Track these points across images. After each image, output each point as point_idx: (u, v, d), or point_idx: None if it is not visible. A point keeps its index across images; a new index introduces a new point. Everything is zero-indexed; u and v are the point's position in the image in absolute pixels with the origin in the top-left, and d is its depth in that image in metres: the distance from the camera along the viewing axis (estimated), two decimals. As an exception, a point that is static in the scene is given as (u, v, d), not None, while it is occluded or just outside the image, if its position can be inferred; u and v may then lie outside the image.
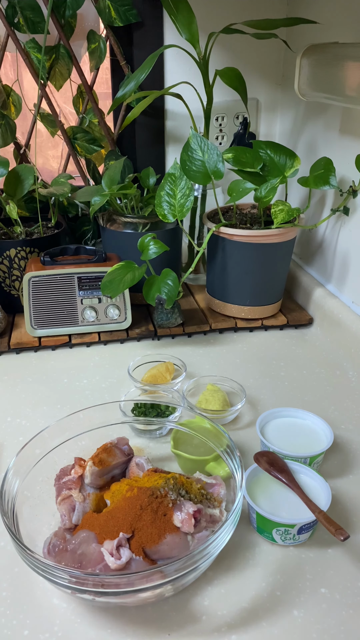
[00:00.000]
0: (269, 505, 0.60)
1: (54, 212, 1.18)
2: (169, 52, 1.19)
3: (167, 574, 0.48)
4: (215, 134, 1.26)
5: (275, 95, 1.28)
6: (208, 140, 0.93)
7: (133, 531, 0.54)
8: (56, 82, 1.20)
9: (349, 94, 0.84)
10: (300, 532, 0.58)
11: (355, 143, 0.97)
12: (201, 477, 0.63)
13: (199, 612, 0.53)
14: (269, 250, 0.99)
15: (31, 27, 1.12)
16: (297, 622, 0.52)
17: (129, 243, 1.03)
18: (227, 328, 1.05)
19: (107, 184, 1.00)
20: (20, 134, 1.28)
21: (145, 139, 1.26)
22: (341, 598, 0.54)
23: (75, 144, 1.24)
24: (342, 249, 1.05)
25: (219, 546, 0.51)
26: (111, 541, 0.53)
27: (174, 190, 0.95)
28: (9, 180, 1.10)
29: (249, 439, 0.77)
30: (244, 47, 1.20)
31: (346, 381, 0.91)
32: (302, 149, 1.18)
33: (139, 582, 0.47)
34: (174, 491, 0.57)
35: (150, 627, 0.52)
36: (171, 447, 0.69)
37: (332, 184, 0.92)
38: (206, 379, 0.86)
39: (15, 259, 1.07)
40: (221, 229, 0.98)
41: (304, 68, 0.96)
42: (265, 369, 0.94)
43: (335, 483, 0.68)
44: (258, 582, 0.56)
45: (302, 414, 0.74)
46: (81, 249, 1.03)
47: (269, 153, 0.97)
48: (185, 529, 0.54)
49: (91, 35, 1.17)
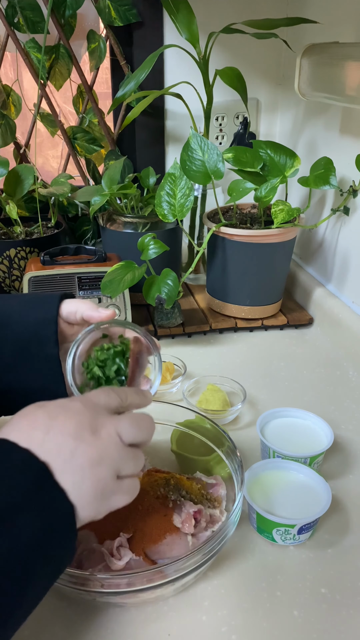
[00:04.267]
0: (269, 505, 0.60)
1: (53, 212, 1.18)
2: (169, 52, 1.19)
3: (167, 574, 0.48)
4: (215, 134, 1.26)
5: (275, 95, 1.28)
6: (208, 140, 0.93)
7: (133, 531, 0.54)
8: (56, 82, 1.20)
9: (349, 94, 0.84)
10: (300, 532, 0.58)
11: (355, 143, 0.97)
12: (201, 477, 0.63)
13: (199, 612, 0.53)
14: (269, 250, 0.99)
15: (31, 27, 1.12)
16: (297, 622, 0.52)
17: (129, 243, 1.03)
18: (227, 328, 1.05)
19: (107, 184, 1.00)
20: (20, 133, 1.28)
21: (145, 138, 1.26)
22: (341, 598, 0.54)
23: (75, 144, 1.24)
24: (342, 248, 1.05)
25: (219, 546, 0.51)
26: (111, 541, 0.53)
27: (174, 190, 0.94)
28: (9, 180, 1.10)
29: (249, 439, 0.77)
30: (244, 47, 1.20)
31: (346, 381, 0.91)
32: (302, 149, 1.18)
33: (139, 582, 0.47)
34: (174, 491, 0.57)
35: (150, 627, 0.52)
36: (171, 447, 0.69)
37: (332, 183, 0.92)
38: (206, 379, 0.86)
39: (15, 259, 1.07)
40: (221, 228, 0.98)
41: (304, 68, 0.96)
42: (265, 369, 0.94)
43: (335, 483, 0.68)
44: (258, 582, 0.56)
45: (302, 414, 0.74)
46: (81, 249, 1.03)
47: (269, 153, 0.97)
48: (185, 529, 0.54)
49: (91, 35, 1.17)
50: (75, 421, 0.43)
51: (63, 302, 0.58)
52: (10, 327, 0.56)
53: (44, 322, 0.56)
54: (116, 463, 0.43)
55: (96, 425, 0.43)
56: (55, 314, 0.57)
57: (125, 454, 0.44)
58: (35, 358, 0.56)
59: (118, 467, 0.43)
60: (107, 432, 0.43)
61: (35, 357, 0.56)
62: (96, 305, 0.58)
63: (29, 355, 0.56)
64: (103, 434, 0.43)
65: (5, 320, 0.57)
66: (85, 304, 0.58)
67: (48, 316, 0.57)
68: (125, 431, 0.44)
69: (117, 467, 0.43)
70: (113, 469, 0.43)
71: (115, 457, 0.43)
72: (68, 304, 0.58)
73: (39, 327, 0.56)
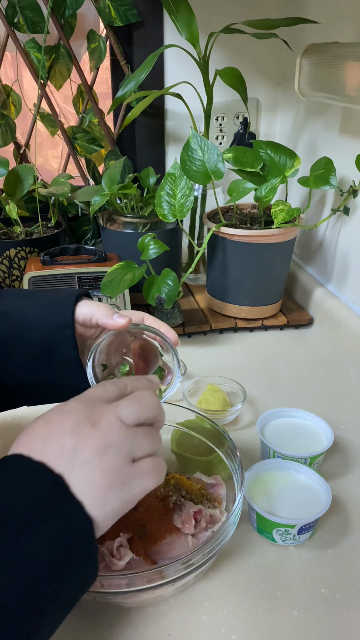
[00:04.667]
0: (269, 505, 0.60)
1: (53, 212, 1.18)
2: (169, 52, 1.19)
3: (167, 574, 0.48)
4: (215, 134, 1.26)
5: (276, 95, 1.28)
6: (208, 140, 0.93)
7: (133, 531, 0.54)
8: (56, 81, 1.20)
9: (349, 94, 0.84)
10: (301, 532, 0.58)
11: (355, 143, 0.97)
12: (201, 478, 0.63)
13: (199, 612, 0.53)
14: (269, 250, 0.99)
15: (31, 26, 1.12)
16: (297, 622, 0.52)
17: (129, 243, 1.03)
18: (227, 328, 1.05)
19: (107, 184, 1.00)
20: (20, 133, 1.28)
21: (145, 138, 1.26)
22: (341, 598, 0.54)
23: (75, 144, 1.24)
24: (342, 249, 1.05)
25: (219, 546, 0.51)
26: (111, 541, 0.53)
27: (174, 190, 0.94)
28: (9, 180, 1.10)
29: (249, 439, 0.77)
30: (244, 47, 1.20)
31: (346, 381, 0.91)
32: (302, 149, 1.18)
33: (139, 582, 0.47)
34: (174, 491, 0.57)
35: (150, 627, 0.52)
36: (171, 447, 0.69)
37: (332, 183, 0.92)
38: (206, 379, 0.86)
39: (15, 258, 1.07)
40: (221, 229, 0.98)
41: (304, 68, 0.96)
42: (265, 369, 0.94)
43: (336, 483, 0.68)
44: (258, 582, 0.56)
45: (302, 414, 0.74)
46: (81, 249, 1.03)
47: (269, 153, 0.97)
48: (185, 529, 0.54)
49: (91, 35, 1.17)
50: (71, 419, 0.42)
51: (78, 304, 0.58)
52: (27, 333, 0.56)
53: (60, 327, 0.56)
54: (125, 447, 0.41)
55: (94, 417, 0.42)
56: (71, 319, 0.57)
57: (133, 435, 0.42)
58: (54, 361, 0.56)
59: (129, 450, 0.42)
60: (107, 419, 0.42)
61: (54, 361, 0.56)
62: (112, 311, 0.57)
63: (48, 359, 0.56)
64: (103, 423, 0.42)
65: (22, 325, 0.57)
66: (100, 310, 0.57)
67: (64, 321, 0.57)
68: (124, 412, 0.43)
69: (128, 450, 0.42)
70: (123, 453, 0.41)
71: (122, 441, 0.41)
72: (83, 307, 0.58)
73: (56, 332, 0.56)
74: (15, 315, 0.58)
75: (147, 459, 0.43)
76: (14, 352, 0.56)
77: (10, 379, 0.57)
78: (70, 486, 0.39)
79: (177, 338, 0.59)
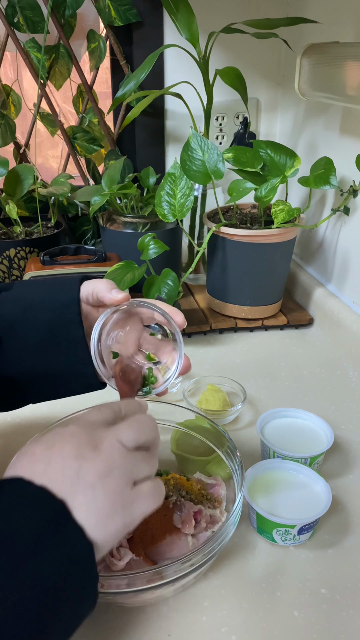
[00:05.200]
0: (269, 505, 0.60)
1: (53, 212, 1.18)
2: (169, 52, 1.19)
3: (167, 574, 0.48)
4: (215, 134, 1.26)
5: (276, 95, 1.28)
6: (208, 140, 0.93)
7: (133, 532, 0.54)
8: (56, 81, 1.20)
9: (349, 94, 0.84)
10: (301, 533, 0.58)
11: (356, 143, 0.97)
12: (201, 478, 0.63)
13: (199, 613, 0.53)
14: (269, 250, 0.99)
15: (31, 26, 1.11)
16: (297, 622, 0.52)
17: (129, 243, 1.03)
18: (227, 328, 1.05)
19: (107, 184, 1.00)
20: (20, 133, 1.28)
21: (145, 138, 1.26)
22: (341, 598, 0.54)
23: (75, 144, 1.24)
24: (342, 248, 1.05)
25: (219, 547, 0.51)
26: (111, 541, 0.53)
27: (174, 190, 0.94)
28: (9, 180, 1.10)
29: (249, 439, 0.77)
30: (244, 47, 1.20)
31: (346, 381, 0.90)
32: (302, 149, 1.18)
33: (139, 582, 0.47)
34: (174, 492, 0.57)
35: (150, 628, 0.52)
36: (171, 447, 0.69)
37: (332, 183, 0.92)
38: (206, 379, 0.86)
39: (15, 258, 1.07)
40: (221, 228, 0.98)
41: (304, 68, 0.96)
42: (265, 369, 0.94)
43: (336, 483, 0.68)
44: (258, 582, 0.56)
45: (302, 414, 0.74)
46: (81, 249, 1.03)
47: (269, 153, 0.97)
48: (185, 529, 0.54)
49: (91, 35, 1.17)
50: (73, 443, 0.42)
51: (83, 283, 0.58)
52: (34, 312, 0.57)
53: (66, 305, 0.57)
54: (126, 470, 0.42)
55: (95, 441, 0.42)
56: (76, 296, 0.57)
57: (133, 459, 0.43)
58: (61, 340, 0.56)
59: (129, 473, 0.42)
60: (108, 443, 0.42)
61: (61, 340, 0.56)
62: (112, 285, 0.57)
63: (55, 338, 0.56)
64: (104, 446, 0.42)
65: (30, 305, 0.57)
66: (101, 283, 0.57)
67: (69, 299, 0.57)
68: (125, 436, 0.43)
69: (129, 474, 0.42)
70: (124, 477, 0.42)
71: (123, 465, 0.42)
72: (87, 285, 0.58)
73: (62, 310, 0.57)
74: (25, 297, 0.58)
75: (148, 482, 0.44)
76: (22, 334, 0.56)
77: (16, 365, 0.57)
78: (73, 511, 0.39)
79: (184, 320, 0.58)
